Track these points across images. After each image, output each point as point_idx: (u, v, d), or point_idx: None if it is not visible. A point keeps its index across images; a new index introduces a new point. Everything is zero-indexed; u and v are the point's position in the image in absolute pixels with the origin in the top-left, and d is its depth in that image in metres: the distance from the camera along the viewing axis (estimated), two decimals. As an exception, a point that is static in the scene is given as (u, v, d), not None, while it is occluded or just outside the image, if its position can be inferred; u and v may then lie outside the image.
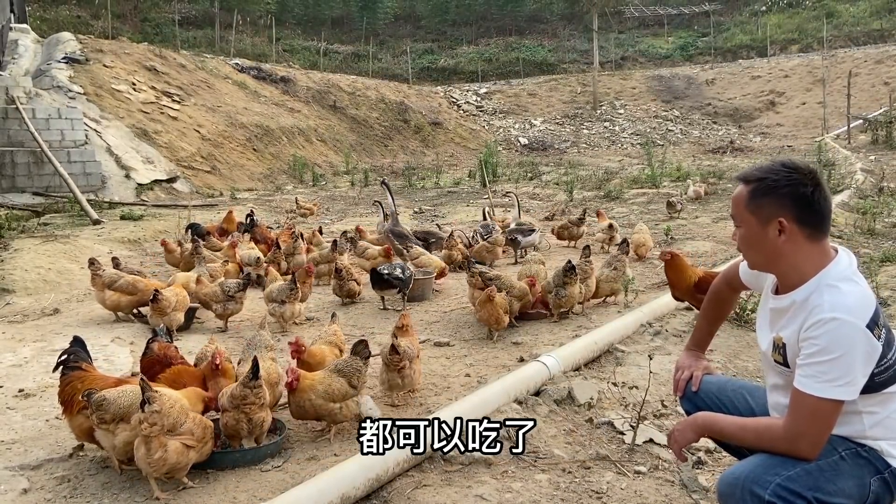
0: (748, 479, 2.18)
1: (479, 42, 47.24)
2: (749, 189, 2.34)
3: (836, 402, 2.15)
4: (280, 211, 14.02)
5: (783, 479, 2.15)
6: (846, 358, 2.13)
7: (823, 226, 2.31)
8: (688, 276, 5.44)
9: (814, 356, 2.17)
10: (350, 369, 3.81)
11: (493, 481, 3.24)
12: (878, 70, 32.93)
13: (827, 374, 2.14)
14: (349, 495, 3.02)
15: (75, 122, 15.27)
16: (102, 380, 3.63)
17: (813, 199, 2.27)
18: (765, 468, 2.20)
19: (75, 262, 8.41)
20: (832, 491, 2.17)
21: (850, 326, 2.14)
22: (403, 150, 28.83)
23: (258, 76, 27.70)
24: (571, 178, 17.69)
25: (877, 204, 11.26)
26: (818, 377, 2.16)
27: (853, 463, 2.24)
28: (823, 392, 2.15)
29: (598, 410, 4.05)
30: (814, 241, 2.30)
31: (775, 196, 2.28)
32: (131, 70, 20.92)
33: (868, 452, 2.26)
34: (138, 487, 3.32)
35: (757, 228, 2.33)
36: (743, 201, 2.35)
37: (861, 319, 2.15)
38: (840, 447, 2.26)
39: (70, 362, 3.74)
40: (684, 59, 42.81)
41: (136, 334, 5.99)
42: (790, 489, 2.14)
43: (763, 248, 2.35)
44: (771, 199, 2.29)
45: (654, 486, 3.24)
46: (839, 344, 2.13)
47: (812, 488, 2.15)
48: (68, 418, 3.59)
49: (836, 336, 2.14)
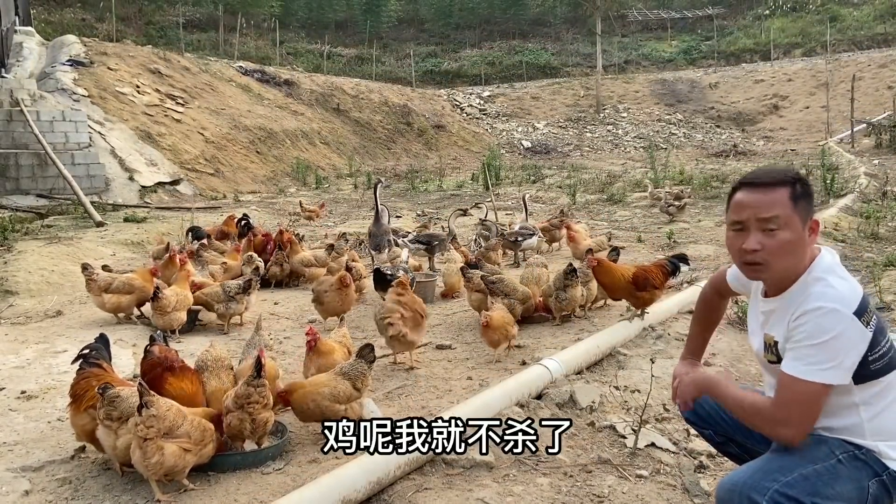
0: (746, 485, 2.19)
1: (482, 45, 47.29)
2: (793, 190, 2.27)
3: (822, 385, 2.17)
4: (283, 213, 14.04)
5: (781, 485, 2.15)
6: (833, 342, 2.15)
7: None
8: (619, 277, 5.47)
9: (801, 342, 2.21)
10: (355, 372, 3.83)
11: (495, 485, 3.24)
12: (882, 74, 32.88)
13: (813, 357, 2.16)
14: (350, 498, 3.02)
15: (79, 124, 15.31)
16: (119, 382, 3.62)
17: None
18: (763, 474, 2.20)
19: (78, 264, 8.39)
20: (830, 495, 2.17)
21: (836, 313, 2.17)
22: (406, 153, 28.86)
23: (262, 79, 27.76)
24: (574, 181, 17.69)
25: (880, 208, 11.24)
26: (804, 360, 2.18)
27: (851, 466, 2.24)
28: (810, 375, 2.16)
29: (600, 414, 4.04)
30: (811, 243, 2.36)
31: (811, 196, 2.33)
32: (135, 73, 20.99)
33: (866, 455, 2.26)
34: (139, 490, 3.32)
35: (801, 231, 2.27)
36: (788, 203, 2.26)
37: (847, 307, 2.18)
38: (838, 450, 2.26)
39: (91, 358, 3.74)
40: (688, 63, 42.81)
41: (138, 336, 5.99)
42: (788, 495, 2.14)
43: (802, 252, 2.30)
44: (808, 200, 2.32)
45: (656, 491, 3.23)
46: (825, 329, 2.16)
47: (810, 493, 2.15)
48: (73, 413, 3.57)
49: (823, 321, 2.16)
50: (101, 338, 3.96)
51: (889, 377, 2.28)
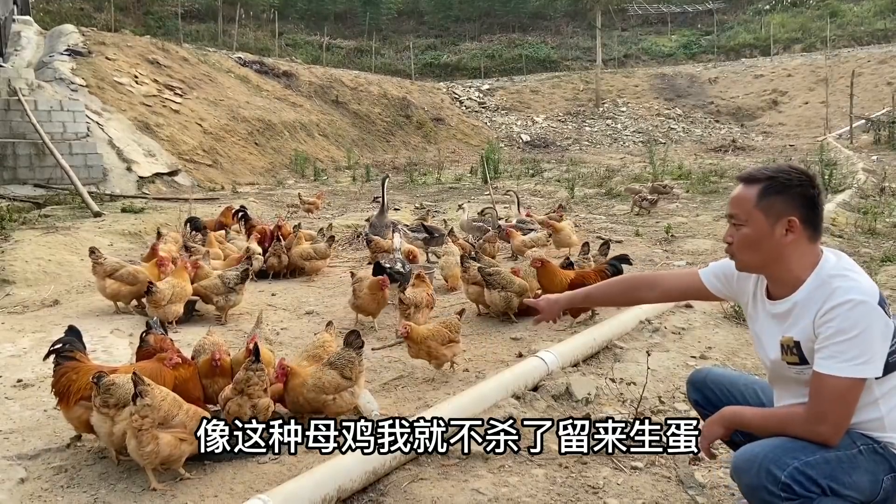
0: (767, 458, 2.22)
1: (482, 38, 47.13)
2: (760, 187, 2.36)
3: (857, 380, 2.19)
4: (281, 205, 14.02)
5: (801, 463, 2.19)
6: (864, 335, 2.17)
7: (820, 228, 2.40)
8: (559, 281, 5.52)
9: (831, 338, 2.21)
10: (342, 361, 3.80)
11: (490, 475, 3.25)
12: (881, 70, 32.85)
13: (846, 354, 2.18)
14: (346, 488, 3.03)
15: (77, 114, 15.27)
16: (98, 370, 3.61)
17: (817, 201, 2.35)
18: (784, 451, 2.23)
19: (76, 253, 8.41)
20: (847, 483, 2.21)
21: (865, 305, 2.19)
22: (405, 146, 28.82)
23: (260, 70, 27.68)
24: (573, 175, 17.68)
25: (878, 204, 11.26)
26: (838, 357, 2.19)
27: (870, 458, 2.27)
28: (844, 371, 2.18)
29: (596, 406, 4.05)
30: (812, 242, 2.37)
31: (788, 195, 2.34)
32: (134, 63, 20.91)
33: (884, 450, 2.29)
34: (135, 478, 3.32)
35: (765, 227, 2.35)
36: (751, 200, 2.37)
37: (873, 298, 2.22)
38: (858, 441, 2.29)
39: (64, 352, 3.70)
40: (687, 58, 42.71)
41: (135, 326, 5.98)
42: (807, 475, 2.17)
43: (766, 247, 2.37)
44: (783, 198, 2.34)
45: (651, 482, 3.24)
46: (856, 322, 2.18)
47: (828, 477, 2.19)
48: (65, 410, 3.57)
49: (853, 315, 2.18)
50: (72, 330, 3.87)
51: None
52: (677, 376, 4.38)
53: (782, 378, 2.49)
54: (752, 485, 2.24)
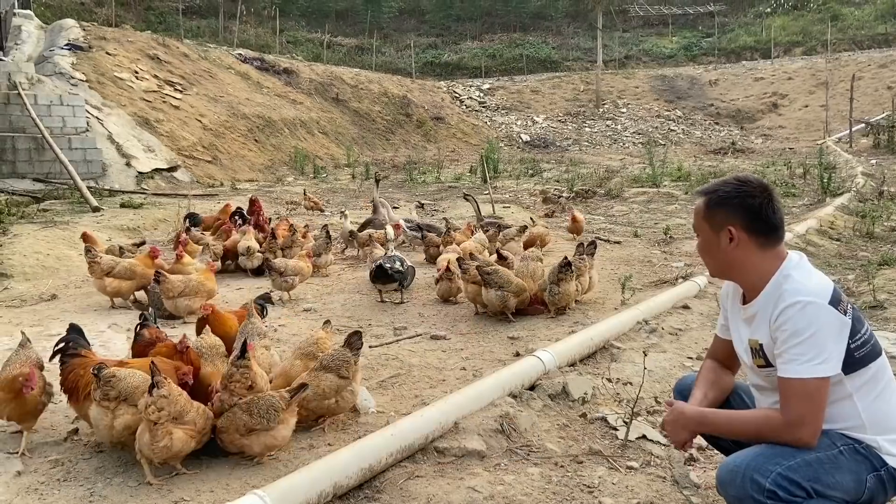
0: (749, 466, 2.25)
1: (483, 38, 47.16)
2: (706, 200, 2.53)
3: (821, 379, 2.24)
4: (280, 202, 14.01)
5: (784, 468, 2.22)
6: (818, 335, 2.24)
7: (775, 234, 2.45)
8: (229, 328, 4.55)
9: (787, 342, 2.28)
10: (337, 362, 3.74)
11: (486, 473, 3.25)
12: (881, 74, 32.88)
13: (805, 355, 2.24)
14: (341, 484, 3.03)
15: (77, 109, 15.26)
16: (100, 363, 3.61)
17: (762, 209, 2.42)
18: (765, 458, 2.26)
19: (74, 248, 8.41)
20: (830, 484, 2.24)
21: (813, 306, 2.26)
22: (405, 145, 28.81)
23: (261, 67, 27.65)
24: (572, 175, 17.68)
25: (876, 208, 11.27)
26: (798, 360, 2.26)
27: (851, 458, 2.30)
28: (806, 373, 2.24)
29: (592, 406, 4.06)
30: (766, 248, 2.43)
31: (727, 206, 2.46)
32: (134, 58, 20.89)
33: (866, 449, 2.32)
34: (132, 472, 3.32)
35: (711, 236, 2.51)
36: (701, 211, 2.55)
37: (822, 298, 2.28)
38: (839, 442, 2.32)
39: (69, 349, 3.71)
40: (688, 60, 42.73)
41: (132, 321, 5.93)
42: (790, 479, 2.20)
43: (716, 254, 2.52)
44: (723, 210, 2.47)
45: (646, 482, 3.25)
46: (808, 323, 2.25)
47: (811, 479, 2.22)
48: (75, 407, 3.57)
49: (803, 317, 2.25)
50: (73, 328, 3.89)
51: (875, 365, 2.36)
52: (674, 377, 4.38)
53: (756, 381, 2.56)
54: (738, 496, 2.27)
